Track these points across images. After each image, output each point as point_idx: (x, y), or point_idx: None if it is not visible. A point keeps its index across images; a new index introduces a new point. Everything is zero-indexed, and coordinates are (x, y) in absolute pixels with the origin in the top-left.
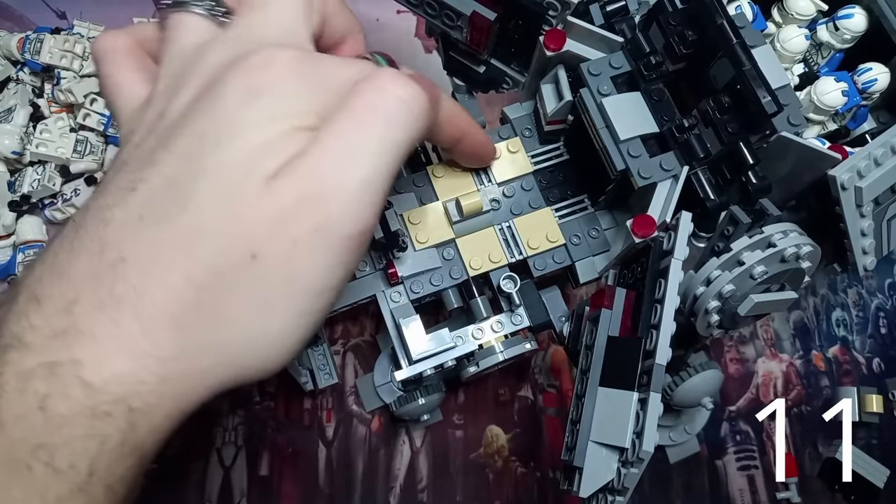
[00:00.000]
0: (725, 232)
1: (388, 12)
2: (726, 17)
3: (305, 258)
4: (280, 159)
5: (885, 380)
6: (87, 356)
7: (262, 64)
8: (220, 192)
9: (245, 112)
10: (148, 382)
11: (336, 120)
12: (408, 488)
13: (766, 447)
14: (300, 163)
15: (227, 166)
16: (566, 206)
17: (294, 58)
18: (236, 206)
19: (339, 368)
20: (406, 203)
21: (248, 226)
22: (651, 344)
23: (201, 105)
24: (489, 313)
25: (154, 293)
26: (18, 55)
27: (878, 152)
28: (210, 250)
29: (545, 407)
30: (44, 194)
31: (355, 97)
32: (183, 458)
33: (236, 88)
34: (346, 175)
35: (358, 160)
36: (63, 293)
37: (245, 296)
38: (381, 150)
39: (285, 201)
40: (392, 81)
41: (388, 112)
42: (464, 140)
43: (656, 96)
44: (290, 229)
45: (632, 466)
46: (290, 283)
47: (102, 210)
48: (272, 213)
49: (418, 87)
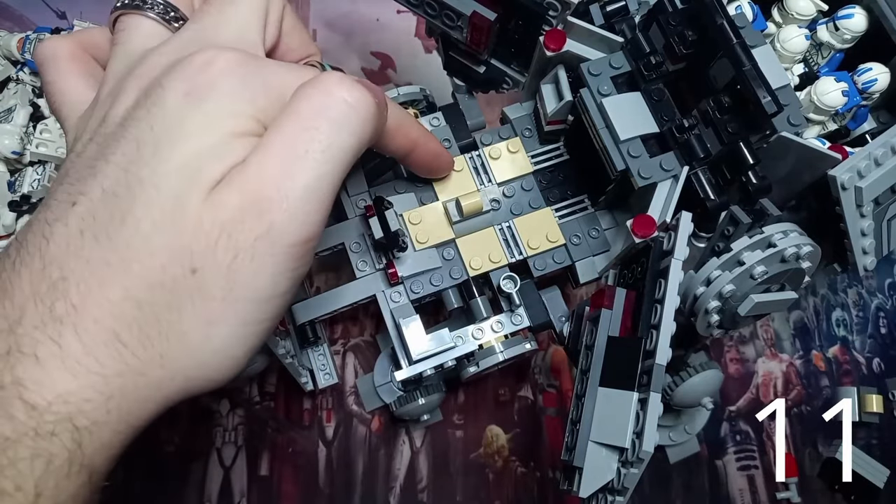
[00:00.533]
0: (725, 232)
1: (388, 12)
2: (726, 17)
3: (248, 269)
4: (220, 167)
5: (885, 380)
6: (29, 377)
7: (202, 66)
8: (158, 205)
9: (183, 118)
10: (93, 400)
11: (279, 124)
12: (408, 488)
13: (766, 447)
14: (241, 170)
15: (165, 177)
16: (566, 206)
17: (236, 59)
18: (174, 219)
19: (339, 368)
20: (406, 203)
21: (186, 239)
22: (651, 344)
23: (139, 112)
24: (489, 313)
25: (94, 312)
26: (18, 55)
27: (878, 152)
28: (149, 266)
29: (545, 407)
30: (44, 194)
31: (300, 100)
32: (183, 458)
33: (175, 93)
34: (289, 182)
35: (302, 166)
36: (6, 314)
37: (187, 310)
38: (327, 156)
39: (225, 212)
40: (338, 84)
41: (334, 115)
42: (415, 151)
43: (656, 96)
44: (230, 241)
45: (632, 466)
46: (233, 295)
47: (44, 225)
48: (212, 225)
49: (365, 91)
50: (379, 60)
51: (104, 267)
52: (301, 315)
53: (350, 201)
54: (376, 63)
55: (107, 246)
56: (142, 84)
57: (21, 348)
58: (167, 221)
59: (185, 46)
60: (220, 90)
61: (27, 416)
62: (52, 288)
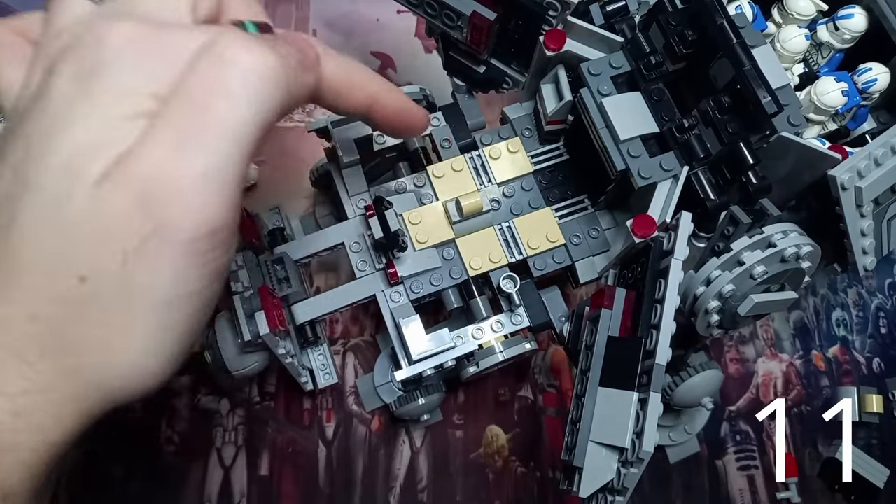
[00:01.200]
0: (725, 232)
1: (388, 12)
2: (726, 17)
3: (143, 271)
4: (106, 159)
5: (885, 380)
6: None
7: (92, 42)
8: (41, 209)
9: (69, 105)
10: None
11: (170, 104)
12: (408, 488)
13: (766, 447)
14: (128, 161)
15: (48, 175)
16: (566, 206)
17: (131, 31)
18: (58, 224)
19: (339, 368)
20: (406, 203)
21: (73, 246)
22: (651, 344)
23: (33, 104)
24: (489, 313)
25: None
26: None
27: (878, 152)
28: (39, 278)
29: (545, 407)
30: None
31: (191, 74)
32: (183, 458)
33: (62, 77)
34: (181, 171)
35: (195, 150)
36: None
37: (86, 320)
38: (226, 135)
39: (112, 211)
40: (235, 48)
41: (230, 87)
42: (374, 107)
43: (656, 96)
44: (117, 245)
45: (632, 466)
46: (133, 302)
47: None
48: (97, 228)
49: (268, 52)
50: (379, 60)
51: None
52: (301, 315)
53: (350, 201)
54: (376, 63)
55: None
56: (45, 64)
57: None
58: (51, 227)
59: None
60: (110, 68)
61: None
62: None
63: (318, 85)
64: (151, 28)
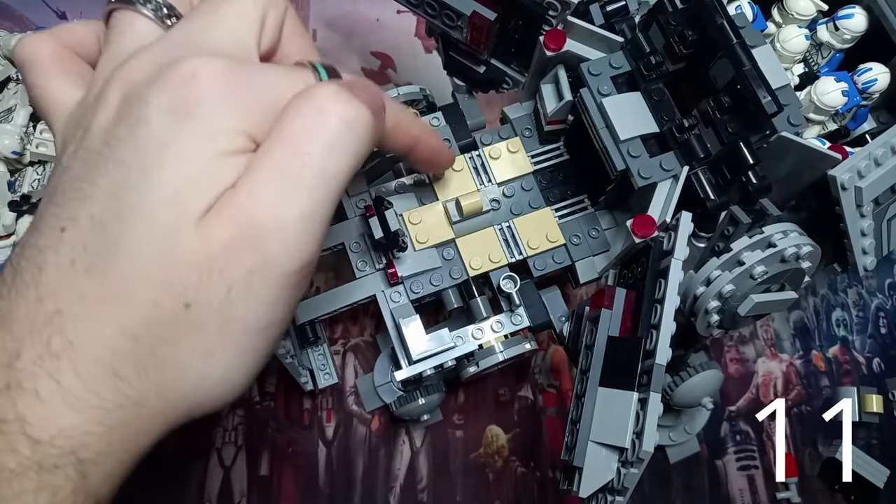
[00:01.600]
0: (725, 232)
1: (388, 12)
2: (726, 17)
3: (243, 301)
4: (210, 195)
5: (885, 380)
6: (31, 413)
7: (185, 78)
8: (148, 237)
9: (168, 139)
10: (95, 433)
11: (270, 147)
12: (408, 488)
13: (766, 447)
14: (231, 199)
15: (154, 206)
16: (566, 206)
17: (222, 69)
18: (166, 253)
19: (339, 368)
20: (406, 203)
21: (179, 274)
22: (651, 344)
23: (122, 130)
24: (489, 313)
25: (91, 348)
26: None
27: (878, 152)
28: (142, 302)
29: (545, 407)
30: (44, 195)
31: (291, 119)
32: (183, 458)
33: (159, 110)
34: (282, 212)
35: (296, 194)
36: (4, 347)
37: (183, 343)
38: (322, 182)
39: (217, 244)
40: (333, 100)
41: (329, 137)
42: (416, 148)
43: (656, 96)
44: (224, 275)
45: (632, 466)
46: (229, 327)
47: (35, 252)
48: (204, 259)
49: (361, 104)
50: (379, 60)
51: (99, 302)
52: (301, 315)
53: (350, 201)
54: (376, 63)
55: (99, 279)
56: (123, 89)
57: (21, 383)
58: (159, 256)
59: (171, 49)
60: (206, 106)
61: (31, 451)
62: (49, 322)
63: None
64: (241, 67)
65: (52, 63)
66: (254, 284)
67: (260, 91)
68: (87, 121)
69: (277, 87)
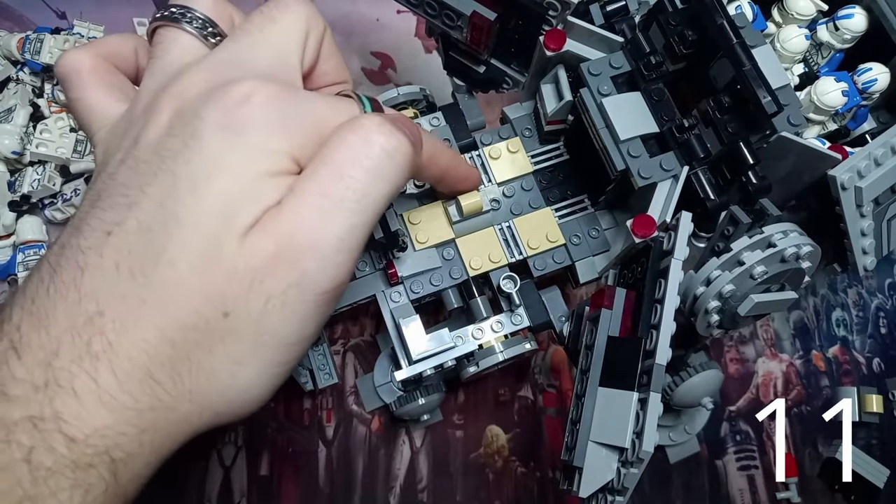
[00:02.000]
0: (725, 232)
1: (388, 12)
2: (726, 17)
3: (279, 315)
4: (255, 211)
5: (885, 380)
6: (68, 411)
7: (240, 99)
8: (194, 246)
9: (220, 155)
10: (127, 434)
11: (315, 171)
12: (408, 488)
13: (766, 447)
14: (275, 217)
15: (201, 217)
16: (566, 206)
17: (275, 94)
18: (209, 263)
19: (339, 368)
20: (406, 203)
21: (221, 284)
22: (651, 344)
23: (175, 142)
24: (489, 313)
25: (130, 350)
26: (18, 55)
27: (878, 152)
28: (184, 308)
29: (545, 407)
30: (44, 194)
31: (337, 145)
32: (183, 458)
33: (214, 126)
34: (323, 232)
35: (337, 216)
36: (42, 345)
37: (217, 350)
38: (362, 206)
39: (260, 258)
40: (377, 131)
41: (372, 165)
42: (446, 176)
43: (656, 96)
44: (264, 287)
45: (632, 466)
46: (262, 339)
47: (77, 253)
48: (246, 271)
49: (403, 137)
50: (379, 60)
51: (140, 305)
52: None
53: None
54: (376, 63)
55: (142, 283)
56: (176, 104)
57: (59, 382)
58: (202, 264)
59: (221, 68)
60: (258, 126)
61: (67, 449)
62: (89, 323)
63: None
64: (291, 93)
65: (93, 76)
66: (290, 299)
67: (307, 117)
68: (136, 132)
69: (323, 115)
